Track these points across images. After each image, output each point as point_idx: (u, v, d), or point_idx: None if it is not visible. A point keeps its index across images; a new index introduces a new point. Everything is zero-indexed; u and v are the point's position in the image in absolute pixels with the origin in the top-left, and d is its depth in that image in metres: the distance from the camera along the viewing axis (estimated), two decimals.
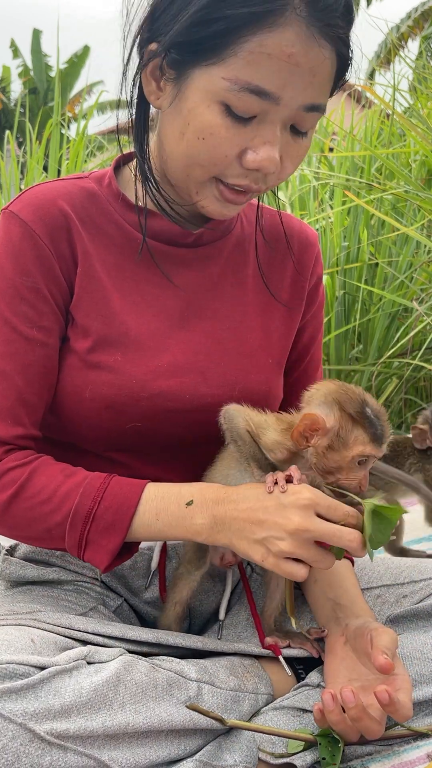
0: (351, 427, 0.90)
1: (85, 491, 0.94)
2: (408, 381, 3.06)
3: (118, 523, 0.93)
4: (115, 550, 0.93)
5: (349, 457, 0.90)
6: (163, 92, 0.95)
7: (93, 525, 0.93)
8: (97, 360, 1.01)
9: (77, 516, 0.93)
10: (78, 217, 1.02)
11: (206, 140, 0.91)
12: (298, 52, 0.86)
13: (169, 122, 0.96)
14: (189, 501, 0.93)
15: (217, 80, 0.88)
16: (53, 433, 1.07)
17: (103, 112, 17.11)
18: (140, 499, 0.94)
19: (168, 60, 0.92)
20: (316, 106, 0.91)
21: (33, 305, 0.99)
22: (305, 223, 1.22)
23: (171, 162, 0.99)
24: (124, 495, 0.94)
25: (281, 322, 1.14)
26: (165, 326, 1.05)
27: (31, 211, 0.99)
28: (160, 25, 0.91)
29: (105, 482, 0.95)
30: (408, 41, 13.74)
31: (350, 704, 0.87)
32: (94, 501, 0.94)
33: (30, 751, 0.75)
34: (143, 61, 0.95)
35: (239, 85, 0.87)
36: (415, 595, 1.06)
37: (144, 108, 1.01)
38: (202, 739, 0.90)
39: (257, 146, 0.91)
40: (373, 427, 0.90)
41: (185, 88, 0.92)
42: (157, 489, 0.96)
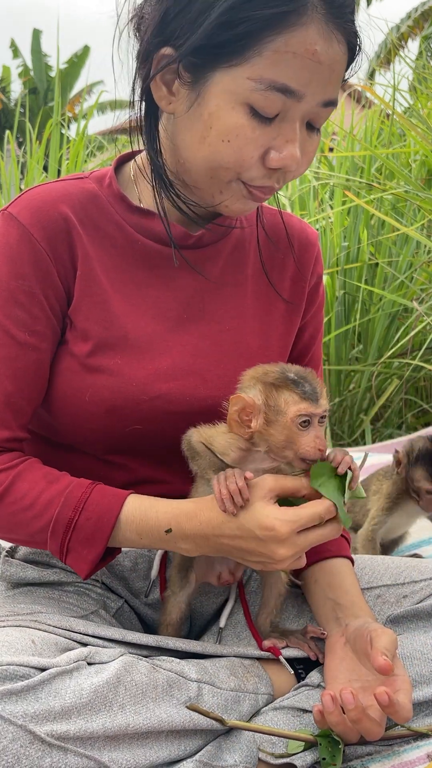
0: (277, 394, 0.89)
1: (66, 500, 0.94)
2: (408, 381, 3.06)
3: (98, 534, 0.94)
4: (95, 560, 0.94)
5: (289, 423, 0.88)
6: (177, 97, 0.94)
7: (74, 534, 0.94)
8: (97, 363, 1.00)
9: (58, 524, 0.94)
10: (78, 219, 1.02)
11: (231, 142, 0.91)
12: (320, 50, 0.87)
13: (187, 127, 0.95)
14: (168, 529, 0.93)
15: (241, 81, 0.88)
16: (53, 435, 1.07)
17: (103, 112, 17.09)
18: (119, 514, 0.94)
19: (185, 64, 0.91)
20: (332, 101, 0.93)
21: (27, 309, 0.99)
22: (305, 223, 1.21)
23: (191, 166, 0.98)
24: (105, 507, 0.94)
25: (281, 322, 1.14)
26: (164, 329, 1.05)
27: (30, 214, 0.99)
28: (175, 28, 0.90)
29: (87, 492, 0.95)
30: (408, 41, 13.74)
31: (350, 706, 0.87)
32: (75, 511, 0.94)
33: (30, 752, 0.75)
34: (157, 68, 0.93)
35: (265, 85, 0.88)
36: (416, 595, 1.06)
37: (153, 114, 1.00)
38: (202, 739, 0.90)
39: (280, 145, 0.92)
40: (301, 387, 0.89)
41: (205, 91, 0.91)
42: (137, 506, 0.95)
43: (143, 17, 0.96)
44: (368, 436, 2.96)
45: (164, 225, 1.03)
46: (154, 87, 0.95)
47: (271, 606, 1.07)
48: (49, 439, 1.09)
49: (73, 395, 1.01)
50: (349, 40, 0.91)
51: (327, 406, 0.91)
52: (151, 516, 0.94)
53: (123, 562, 1.10)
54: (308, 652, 1.02)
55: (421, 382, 3.15)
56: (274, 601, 1.06)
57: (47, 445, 1.09)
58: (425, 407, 3.08)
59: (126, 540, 0.95)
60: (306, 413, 0.88)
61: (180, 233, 1.06)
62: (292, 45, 0.86)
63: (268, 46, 0.86)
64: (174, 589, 1.05)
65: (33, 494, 0.95)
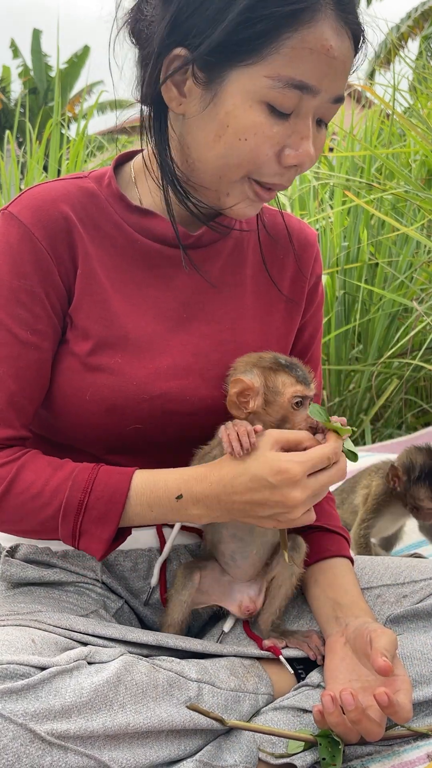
0: (275, 376, 0.97)
1: (74, 484, 0.95)
2: (408, 381, 3.06)
3: (110, 513, 0.94)
4: (109, 539, 0.95)
5: (286, 402, 0.96)
6: (188, 97, 0.94)
7: (86, 515, 0.94)
8: (97, 363, 1.01)
9: (69, 508, 0.94)
10: (78, 219, 1.02)
11: (249, 140, 0.92)
12: (334, 45, 0.89)
13: (200, 127, 0.95)
14: (178, 495, 0.94)
15: (258, 79, 0.89)
16: (53, 434, 1.07)
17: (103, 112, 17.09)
18: (129, 489, 0.95)
19: (199, 63, 0.91)
20: (342, 97, 0.94)
21: (29, 308, 0.99)
22: (305, 223, 1.22)
23: (201, 166, 0.98)
24: (114, 485, 0.95)
25: (280, 322, 1.14)
26: (164, 328, 1.05)
27: (31, 213, 0.99)
28: (190, 29, 0.90)
29: (93, 472, 0.96)
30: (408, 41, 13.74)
31: (349, 707, 0.87)
32: (85, 492, 0.95)
33: (30, 751, 0.75)
34: (169, 69, 0.93)
35: (283, 82, 0.88)
36: (416, 595, 1.06)
37: (162, 115, 0.99)
38: (203, 739, 0.90)
39: (296, 143, 0.93)
40: (294, 371, 0.98)
41: (221, 90, 0.91)
42: (145, 479, 0.96)
43: (141, 19, 0.96)
44: (368, 436, 2.97)
45: (173, 225, 1.03)
46: (165, 89, 0.95)
47: (276, 606, 1.07)
48: (50, 439, 1.09)
49: (74, 394, 1.01)
50: (355, 35, 0.92)
51: (316, 389, 1.00)
52: (161, 485, 0.95)
53: (123, 562, 1.10)
54: (308, 652, 1.02)
55: (421, 382, 3.15)
56: (280, 602, 1.07)
57: (47, 444, 1.09)
58: (425, 407, 3.08)
59: (137, 515, 0.96)
60: (300, 394, 0.97)
61: (180, 233, 1.06)
62: (308, 41, 0.87)
63: (285, 43, 0.87)
64: (177, 588, 1.05)
65: (40, 483, 0.96)
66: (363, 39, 0.94)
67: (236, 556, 1.06)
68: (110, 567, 1.10)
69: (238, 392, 0.96)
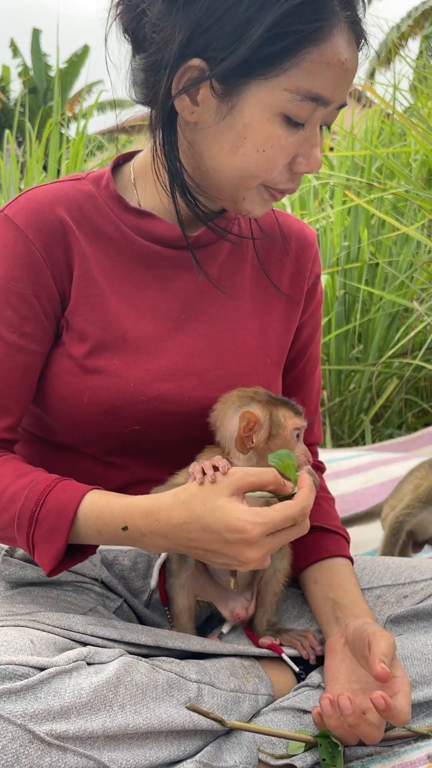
0: (276, 410, 0.98)
1: (29, 493, 0.93)
2: (408, 381, 3.06)
3: (58, 528, 0.91)
4: (57, 556, 0.92)
5: (289, 435, 0.97)
6: (202, 107, 0.94)
7: (36, 528, 0.92)
8: (95, 365, 1.00)
9: (22, 518, 0.93)
10: (75, 221, 1.02)
11: (267, 152, 0.93)
12: (348, 58, 0.91)
13: (216, 138, 0.95)
14: (123, 526, 0.90)
15: (278, 92, 0.90)
16: (51, 436, 1.07)
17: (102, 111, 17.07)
18: (78, 510, 0.92)
19: (217, 76, 0.91)
20: (346, 102, 0.97)
21: (18, 311, 0.99)
22: (304, 223, 1.22)
23: (216, 175, 0.98)
24: (64, 502, 0.92)
25: (279, 322, 1.14)
26: (162, 329, 1.05)
27: (26, 215, 0.99)
28: (209, 41, 0.89)
29: (50, 486, 0.94)
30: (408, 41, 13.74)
31: (347, 711, 0.86)
32: (37, 504, 0.92)
33: (29, 752, 0.75)
34: (186, 79, 0.92)
35: (301, 95, 0.90)
36: (416, 595, 1.06)
37: (173, 122, 0.98)
38: (202, 740, 0.90)
39: (307, 151, 0.95)
40: (289, 404, 0.99)
41: (240, 103, 0.91)
42: (95, 502, 0.92)
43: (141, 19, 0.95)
44: (368, 436, 2.96)
45: (182, 229, 1.03)
46: (177, 98, 0.94)
47: (267, 605, 1.07)
48: (48, 440, 1.08)
49: (71, 396, 1.01)
50: (360, 42, 0.94)
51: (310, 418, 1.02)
52: (107, 512, 0.91)
53: (122, 561, 1.10)
54: (301, 651, 1.02)
55: (421, 382, 3.15)
56: (269, 599, 1.06)
57: (46, 445, 1.09)
58: (425, 407, 3.08)
59: (88, 536, 0.93)
60: (299, 426, 0.98)
61: (177, 234, 1.06)
62: (326, 56, 0.89)
63: (306, 58, 0.88)
64: (174, 572, 1.05)
65: (0, 488, 0.95)
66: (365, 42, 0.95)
67: (221, 574, 1.06)
68: (109, 566, 1.10)
69: (245, 426, 0.94)
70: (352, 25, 0.91)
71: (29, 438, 1.10)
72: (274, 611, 1.07)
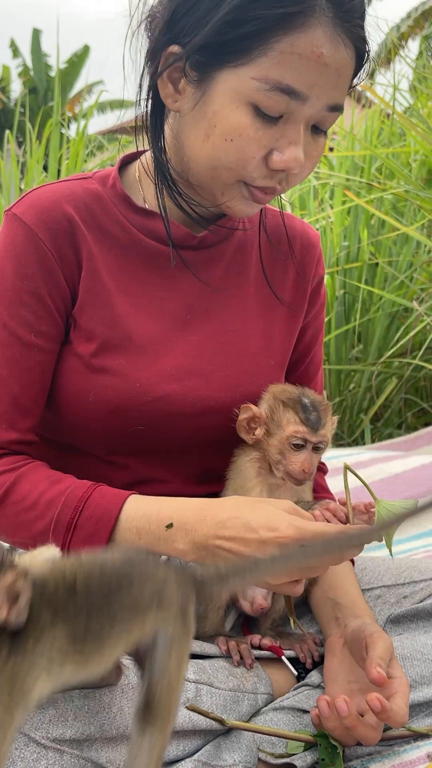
0: (282, 411, 0.98)
1: (67, 500, 0.93)
2: (408, 381, 3.06)
3: (98, 533, 0.91)
4: None
5: (284, 438, 0.97)
6: (183, 95, 0.94)
7: (74, 535, 0.92)
8: (100, 364, 1.00)
9: (59, 525, 0.92)
10: (82, 220, 1.02)
11: (234, 141, 0.91)
12: (326, 53, 0.87)
13: (191, 125, 0.95)
14: (168, 524, 0.90)
15: (246, 80, 0.88)
16: (56, 435, 1.07)
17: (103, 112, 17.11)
18: (120, 513, 0.92)
19: (191, 62, 0.91)
20: (339, 105, 0.93)
21: (32, 310, 0.99)
22: (307, 224, 1.21)
23: (194, 165, 0.98)
24: (105, 507, 0.92)
25: (283, 323, 1.14)
26: (168, 329, 1.04)
27: (35, 214, 0.99)
28: (183, 26, 0.90)
29: (88, 492, 0.94)
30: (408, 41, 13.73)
31: (344, 714, 0.86)
32: (76, 511, 0.92)
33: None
34: (163, 65, 0.93)
35: (269, 85, 0.87)
36: (416, 595, 1.06)
37: (159, 112, 1.00)
38: (202, 739, 0.90)
39: (283, 147, 0.92)
40: (306, 412, 0.97)
41: (210, 90, 0.91)
42: (139, 505, 0.93)
43: (155, 17, 0.96)
44: (368, 436, 2.96)
45: (164, 224, 1.03)
46: (161, 84, 0.95)
47: (280, 605, 1.07)
48: (53, 440, 1.08)
49: (77, 396, 1.01)
50: (356, 45, 0.90)
51: (326, 437, 0.98)
52: (154, 511, 0.92)
53: None
54: (299, 654, 1.02)
55: (421, 382, 3.15)
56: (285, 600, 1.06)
57: (50, 445, 1.08)
58: (425, 407, 3.08)
59: (124, 540, 0.93)
60: (301, 436, 0.97)
61: (183, 234, 1.06)
62: (297, 46, 0.86)
63: (273, 47, 0.86)
64: None
65: (35, 495, 0.95)
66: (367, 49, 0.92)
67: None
68: None
69: (247, 418, 0.99)
70: (338, 20, 0.87)
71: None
72: (282, 613, 1.08)
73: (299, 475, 0.97)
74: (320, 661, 1.02)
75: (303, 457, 0.97)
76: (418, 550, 1.64)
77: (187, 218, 1.05)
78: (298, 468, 0.97)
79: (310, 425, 0.97)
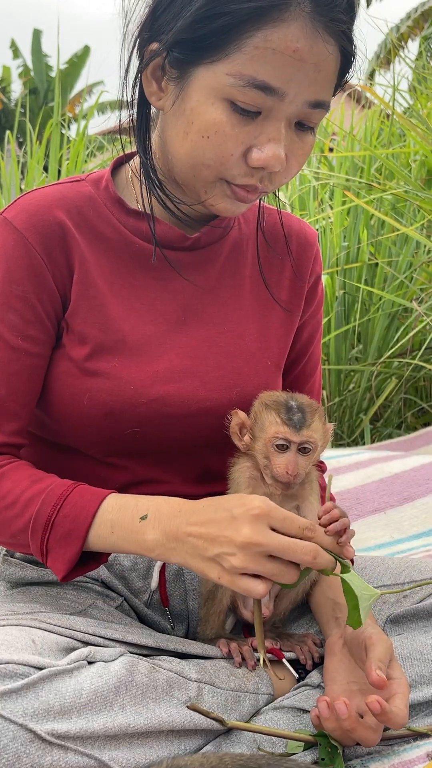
0: (265, 413, 0.97)
1: (46, 498, 0.93)
2: (408, 381, 3.06)
3: (74, 532, 0.91)
4: (72, 560, 0.91)
5: (267, 440, 0.96)
6: (165, 93, 0.95)
7: (52, 532, 0.91)
8: (95, 367, 1.00)
9: (37, 523, 0.92)
10: (74, 224, 1.02)
11: (211, 138, 0.91)
12: (302, 48, 0.85)
13: (173, 123, 0.95)
14: (143, 515, 0.90)
15: (221, 77, 0.88)
16: (54, 437, 1.07)
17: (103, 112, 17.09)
18: (98, 509, 0.92)
19: (170, 59, 0.91)
20: (321, 102, 0.91)
21: (21, 314, 0.99)
22: (305, 222, 1.21)
23: (176, 163, 0.98)
24: (83, 504, 0.92)
25: (279, 323, 1.14)
26: (162, 331, 1.05)
27: (26, 218, 0.99)
28: (162, 24, 0.91)
29: (68, 490, 0.94)
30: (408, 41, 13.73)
31: (343, 716, 0.86)
32: (54, 508, 0.92)
33: (30, 751, 0.75)
34: (144, 62, 0.94)
35: (244, 81, 0.86)
36: (416, 595, 1.06)
37: (145, 110, 1.00)
38: (203, 738, 0.90)
39: (262, 144, 0.91)
40: (288, 413, 0.96)
41: (188, 87, 0.91)
42: (117, 500, 0.93)
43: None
44: (367, 436, 2.97)
45: (149, 223, 1.03)
46: (146, 82, 0.96)
47: (281, 609, 1.07)
48: (49, 441, 1.09)
49: (72, 399, 1.01)
50: (338, 40, 0.89)
51: (312, 438, 0.96)
52: (131, 505, 0.91)
53: (123, 561, 1.10)
54: (299, 656, 1.02)
55: (420, 382, 3.15)
56: (285, 605, 1.07)
57: (48, 447, 1.09)
58: (425, 407, 3.08)
59: (98, 537, 0.91)
60: (283, 437, 0.95)
61: (177, 235, 1.06)
62: (272, 41, 0.85)
63: (247, 42, 0.85)
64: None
65: (15, 493, 0.95)
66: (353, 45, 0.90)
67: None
68: (109, 565, 1.10)
69: (237, 425, 1.00)
70: (317, 14, 0.85)
71: (30, 439, 1.10)
72: (283, 616, 1.08)
73: (283, 477, 0.94)
74: (320, 662, 1.02)
75: (286, 459, 0.94)
76: (418, 549, 1.64)
77: (189, 216, 1.05)
78: (282, 470, 0.94)
79: (291, 425, 0.94)
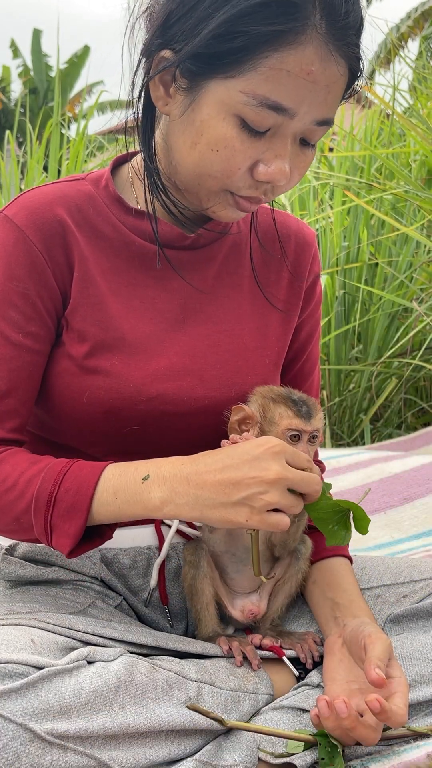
0: (274, 407, 0.99)
1: (46, 476, 0.93)
2: (408, 381, 3.06)
3: (77, 505, 0.91)
4: (77, 534, 0.91)
5: (280, 433, 0.97)
6: (173, 99, 0.94)
7: (55, 508, 0.91)
8: (94, 365, 1.01)
9: (39, 501, 0.92)
10: (74, 222, 1.02)
11: (220, 152, 0.91)
12: (317, 70, 0.86)
13: (180, 131, 0.95)
14: (145, 476, 0.91)
15: (234, 93, 0.88)
16: (54, 436, 1.08)
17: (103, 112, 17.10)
18: (99, 479, 0.92)
19: (182, 69, 0.91)
20: (328, 120, 0.92)
21: (22, 311, 0.99)
22: (303, 222, 1.21)
23: (181, 170, 0.98)
24: (84, 476, 0.92)
25: (278, 322, 1.14)
26: (161, 329, 1.05)
27: (26, 215, 0.99)
28: (176, 32, 0.90)
29: (67, 466, 0.94)
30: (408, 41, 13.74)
31: (343, 715, 0.86)
32: (55, 484, 0.92)
33: (30, 750, 0.75)
34: (155, 69, 0.93)
35: (257, 100, 0.87)
36: (416, 594, 1.06)
37: (150, 113, 1.00)
38: (203, 738, 0.90)
39: (269, 159, 0.92)
40: (297, 405, 0.98)
41: (199, 98, 0.91)
42: (117, 467, 0.93)
43: (152, 15, 0.96)
44: (367, 436, 2.97)
45: (151, 224, 1.03)
46: (153, 86, 0.95)
47: (277, 605, 1.07)
48: (49, 440, 1.09)
49: (71, 397, 1.01)
50: (350, 61, 0.90)
51: (319, 426, 1.00)
52: (131, 469, 0.92)
53: (122, 560, 1.10)
54: (299, 654, 1.02)
55: (420, 382, 3.15)
56: (281, 600, 1.07)
57: (47, 446, 1.09)
58: (425, 407, 3.08)
59: (101, 504, 0.91)
60: (296, 428, 0.97)
61: (176, 234, 1.06)
62: (287, 63, 0.85)
63: (263, 62, 0.86)
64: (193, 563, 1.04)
65: (15, 475, 0.95)
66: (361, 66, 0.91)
67: (233, 573, 1.06)
68: (109, 564, 1.10)
69: (239, 420, 0.99)
70: (331, 38, 0.86)
71: (30, 438, 1.10)
72: (281, 612, 1.08)
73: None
74: (320, 661, 1.02)
75: (301, 449, 0.97)
76: (418, 549, 1.64)
77: (187, 217, 1.05)
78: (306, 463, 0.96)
79: (302, 416, 0.97)
